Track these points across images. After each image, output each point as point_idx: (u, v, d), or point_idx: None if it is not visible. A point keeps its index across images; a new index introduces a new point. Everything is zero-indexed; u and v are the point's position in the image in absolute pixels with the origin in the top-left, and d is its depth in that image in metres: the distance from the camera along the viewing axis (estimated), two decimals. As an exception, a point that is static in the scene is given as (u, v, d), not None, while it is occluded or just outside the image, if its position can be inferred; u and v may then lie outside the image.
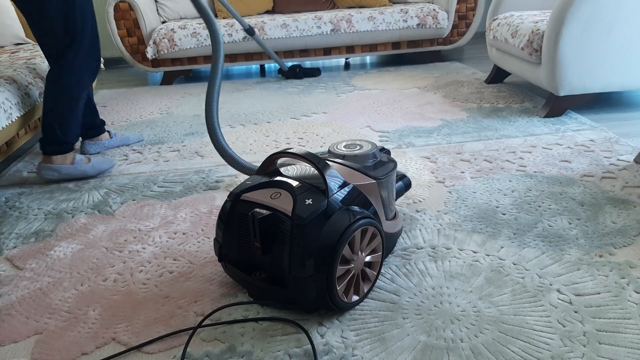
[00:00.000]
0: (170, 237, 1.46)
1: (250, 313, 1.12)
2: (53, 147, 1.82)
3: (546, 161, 1.81)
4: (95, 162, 1.90)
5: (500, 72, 2.90)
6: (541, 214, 1.46)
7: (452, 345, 0.99)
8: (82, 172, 1.86)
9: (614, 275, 1.17)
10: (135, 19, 3.30)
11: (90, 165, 1.88)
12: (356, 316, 1.09)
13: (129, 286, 1.24)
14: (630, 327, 1.01)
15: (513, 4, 2.76)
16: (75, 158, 1.87)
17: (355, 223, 1.04)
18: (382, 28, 3.35)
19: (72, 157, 1.86)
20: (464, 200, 1.56)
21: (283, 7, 3.67)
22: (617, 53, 2.13)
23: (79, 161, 1.87)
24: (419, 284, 1.18)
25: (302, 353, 1.00)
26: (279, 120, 2.47)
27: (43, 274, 1.32)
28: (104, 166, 1.92)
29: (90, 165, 1.88)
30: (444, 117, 2.36)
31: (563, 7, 2.05)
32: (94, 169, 1.88)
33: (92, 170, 1.88)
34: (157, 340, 1.05)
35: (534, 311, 1.07)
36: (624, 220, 1.39)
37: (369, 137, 2.17)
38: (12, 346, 1.07)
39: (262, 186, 1.13)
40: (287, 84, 3.23)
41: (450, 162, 1.85)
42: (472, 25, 3.54)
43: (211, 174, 1.88)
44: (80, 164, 1.86)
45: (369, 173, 1.18)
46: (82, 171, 1.86)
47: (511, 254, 1.28)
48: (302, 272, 1.01)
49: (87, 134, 2.14)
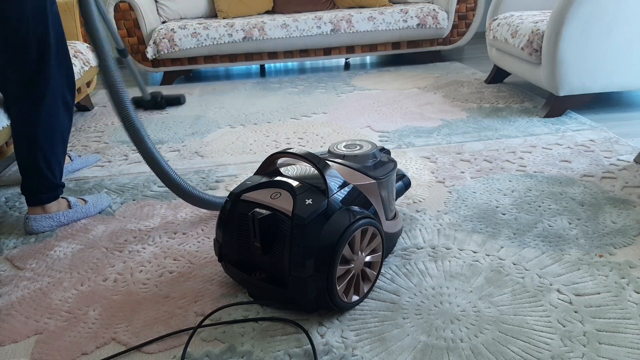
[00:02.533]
0: (170, 237, 1.46)
1: (250, 313, 1.12)
2: (48, 195, 1.54)
3: (546, 161, 1.81)
4: (93, 201, 1.66)
5: (500, 72, 2.90)
6: (541, 214, 1.45)
7: (452, 345, 0.99)
8: (84, 213, 1.61)
9: (614, 275, 1.17)
10: (136, 19, 3.30)
11: (90, 205, 1.64)
12: (356, 316, 1.09)
13: (129, 286, 1.24)
14: (630, 327, 1.01)
15: (513, 4, 2.76)
16: (70, 200, 1.61)
17: (355, 223, 1.04)
18: (382, 28, 3.35)
19: (65, 200, 1.60)
20: (464, 200, 1.56)
21: (283, 7, 3.67)
22: (617, 53, 2.13)
23: (76, 203, 1.61)
24: (419, 284, 1.18)
25: (302, 353, 1.00)
26: (279, 120, 2.47)
27: (43, 274, 1.32)
28: (104, 204, 1.68)
29: (91, 204, 1.64)
30: (444, 117, 2.36)
31: (563, 7, 2.05)
32: (95, 208, 1.64)
33: (94, 210, 1.64)
34: (157, 340, 1.05)
35: (534, 311, 1.07)
36: (624, 220, 1.39)
37: (369, 137, 2.17)
38: (12, 346, 1.07)
39: (262, 186, 1.13)
40: (287, 84, 3.23)
41: (450, 162, 1.85)
42: (472, 25, 3.54)
43: (211, 174, 1.88)
44: (79, 206, 1.61)
45: (369, 173, 1.18)
46: (84, 213, 1.61)
47: (511, 254, 1.28)
48: (302, 272, 1.01)
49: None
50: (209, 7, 3.70)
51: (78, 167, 2.02)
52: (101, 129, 2.52)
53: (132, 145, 2.24)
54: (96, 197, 1.68)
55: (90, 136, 2.41)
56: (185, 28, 3.24)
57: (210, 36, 3.25)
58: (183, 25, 3.27)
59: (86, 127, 2.56)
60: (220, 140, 2.25)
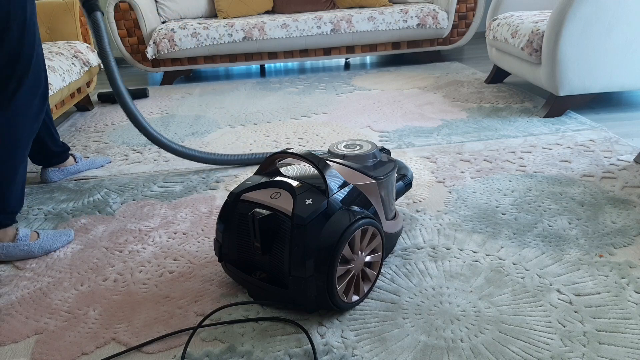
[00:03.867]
0: (170, 237, 1.46)
1: (250, 313, 1.12)
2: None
3: (546, 161, 1.81)
4: (46, 238, 1.42)
5: (500, 72, 2.90)
6: (541, 214, 1.45)
7: (452, 345, 0.99)
8: (25, 252, 1.39)
9: (614, 275, 1.17)
10: (136, 19, 3.30)
11: (37, 243, 1.40)
12: (356, 316, 1.09)
13: (129, 286, 1.24)
14: (630, 327, 1.01)
15: (513, 4, 2.76)
16: (19, 233, 1.39)
17: (355, 223, 1.04)
18: (382, 28, 3.35)
19: (13, 231, 1.39)
20: (464, 200, 1.56)
21: (283, 7, 3.67)
22: (617, 53, 2.12)
23: (23, 237, 1.39)
24: (419, 284, 1.18)
25: (302, 353, 1.00)
26: (279, 121, 2.47)
27: (43, 274, 1.32)
28: (56, 244, 1.43)
29: (38, 243, 1.40)
30: (444, 117, 2.36)
31: (563, 7, 2.05)
32: (41, 249, 1.40)
33: (40, 250, 1.40)
34: (157, 340, 1.05)
35: (534, 311, 1.07)
36: (624, 220, 1.39)
37: (369, 137, 2.17)
38: (12, 346, 1.07)
39: (262, 186, 1.13)
40: (287, 84, 3.23)
41: (450, 162, 1.85)
42: (472, 25, 3.54)
43: (211, 174, 1.88)
44: (25, 241, 1.39)
45: (369, 173, 1.18)
46: (26, 251, 1.39)
47: (511, 254, 1.28)
48: (302, 272, 1.01)
49: (50, 162, 1.88)
50: (209, 7, 3.70)
51: (83, 168, 1.98)
52: (101, 129, 2.52)
53: (132, 145, 2.25)
54: (54, 234, 1.45)
55: (90, 136, 2.41)
56: (185, 28, 3.24)
57: (210, 36, 3.25)
58: (183, 25, 3.27)
59: (86, 127, 2.56)
60: (220, 140, 2.25)
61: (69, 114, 2.80)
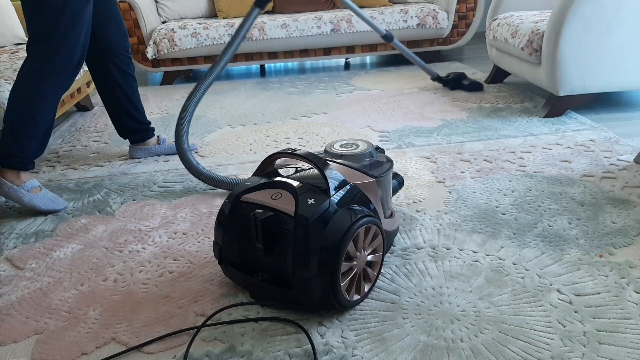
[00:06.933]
0: (170, 237, 1.46)
1: (250, 313, 1.12)
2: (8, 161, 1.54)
3: (546, 161, 1.81)
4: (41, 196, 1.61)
5: (500, 72, 2.90)
6: (541, 214, 1.46)
7: (452, 345, 0.99)
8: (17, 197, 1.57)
9: (614, 275, 1.17)
10: (136, 19, 3.30)
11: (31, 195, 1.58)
12: (356, 316, 1.09)
13: (129, 286, 1.24)
14: (630, 327, 1.01)
15: (513, 4, 2.76)
16: (26, 182, 1.59)
17: (358, 221, 1.05)
18: (382, 28, 3.35)
19: (26, 177, 1.59)
20: (464, 200, 1.56)
21: (283, 7, 3.67)
22: (617, 53, 2.12)
23: (28, 186, 1.58)
24: (419, 284, 1.18)
25: (302, 353, 1.00)
26: (279, 121, 2.47)
27: (43, 274, 1.32)
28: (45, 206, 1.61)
29: (31, 196, 1.58)
30: (444, 117, 2.36)
31: (563, 7, 2.05)
32: (30, 202, 1.58)
33: (27, 201, 1.58)
34: (157, 340, 1.05)
35: (534, 311, 1.07)
36: (624, 220, 1.39)
37: (369, 137, 2.17)
38: (12, 346, 1.07)
39: (262, 187, 1.13)
40: (287, 84, 3.22)
41: (450, 162, 1.85)
42: (472, 25, 3.54)
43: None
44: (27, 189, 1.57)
45: (367, 172, 1.18)
46: (18, 197, 1.57)
47: (511, 254, 1.28)
48: (306, 272, 1.01)
49: (130, 139, 2.03)
50: (209, 7, 3.70)
51: (164, 151, 2.08)
52: (101, 128, 2.52)
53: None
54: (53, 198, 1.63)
55: (90, 136, 2.41)
56: (185, 28, 3.24)
57: (210, 36, 3.25)
58: (183, 25, 3.27)
59: (86, 127, 2.56)
60: (220, 140, 2.25)
61: (69, 114, 2.80)
